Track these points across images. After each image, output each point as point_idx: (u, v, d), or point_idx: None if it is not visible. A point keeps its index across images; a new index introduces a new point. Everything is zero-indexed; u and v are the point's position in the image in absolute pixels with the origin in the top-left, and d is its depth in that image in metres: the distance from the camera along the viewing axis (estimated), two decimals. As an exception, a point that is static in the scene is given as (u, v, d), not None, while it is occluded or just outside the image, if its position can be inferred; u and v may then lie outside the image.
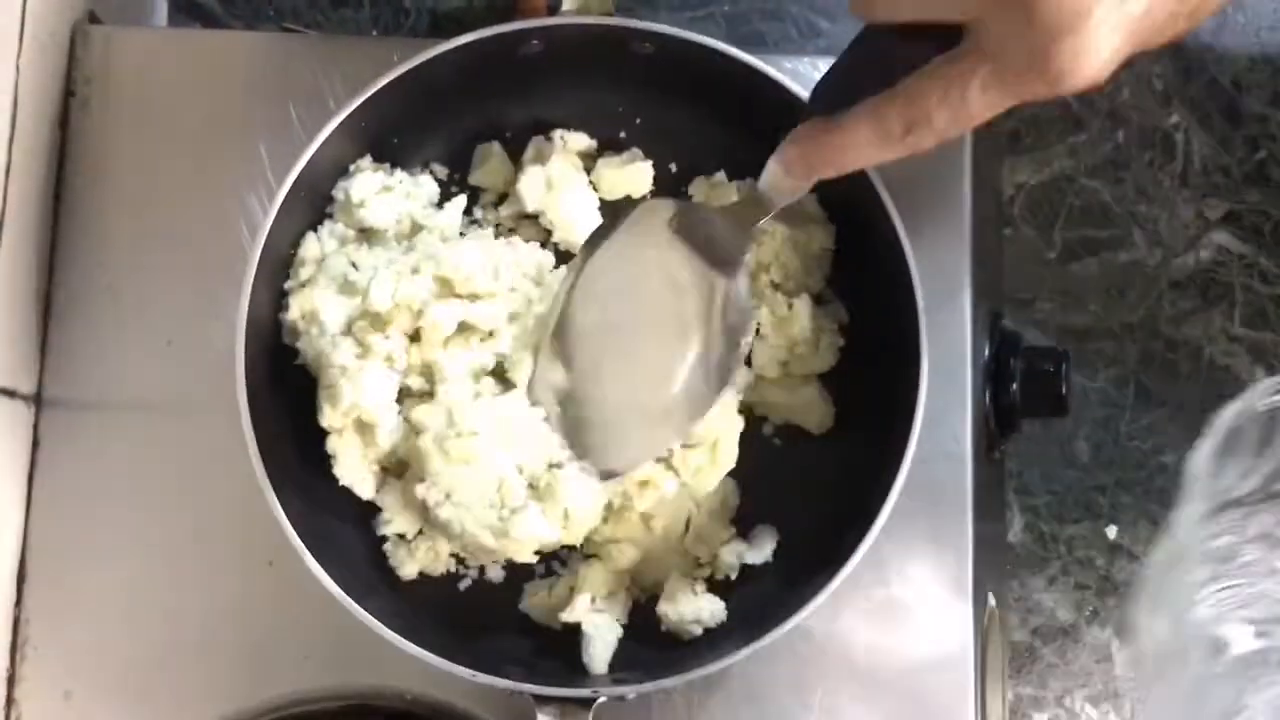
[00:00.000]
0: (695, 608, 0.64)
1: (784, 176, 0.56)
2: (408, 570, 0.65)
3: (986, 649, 0.70)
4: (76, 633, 0.69)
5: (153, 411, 0.70)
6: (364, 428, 0.63)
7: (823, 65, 0.71)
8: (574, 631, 0.64)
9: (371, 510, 0.65)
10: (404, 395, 0.64)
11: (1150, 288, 0.91)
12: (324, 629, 0.67)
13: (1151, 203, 0.92)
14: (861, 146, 0.51)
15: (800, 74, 0.71)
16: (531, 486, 0.61)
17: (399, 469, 0.64)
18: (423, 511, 0.62)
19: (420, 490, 0.61)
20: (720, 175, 0.69)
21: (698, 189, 0.69)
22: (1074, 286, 0.91)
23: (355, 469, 0.63)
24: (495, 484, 0.60)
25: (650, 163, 0.69)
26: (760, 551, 0.66)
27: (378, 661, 0.67)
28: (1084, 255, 0.91)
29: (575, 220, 0.67)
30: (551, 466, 0.61)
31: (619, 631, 0.64)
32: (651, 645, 0.64)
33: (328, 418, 0.62)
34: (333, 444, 0.63)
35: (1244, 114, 0.92)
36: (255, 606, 0.69)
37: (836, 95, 0.53)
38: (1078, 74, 0.44)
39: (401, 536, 0.65)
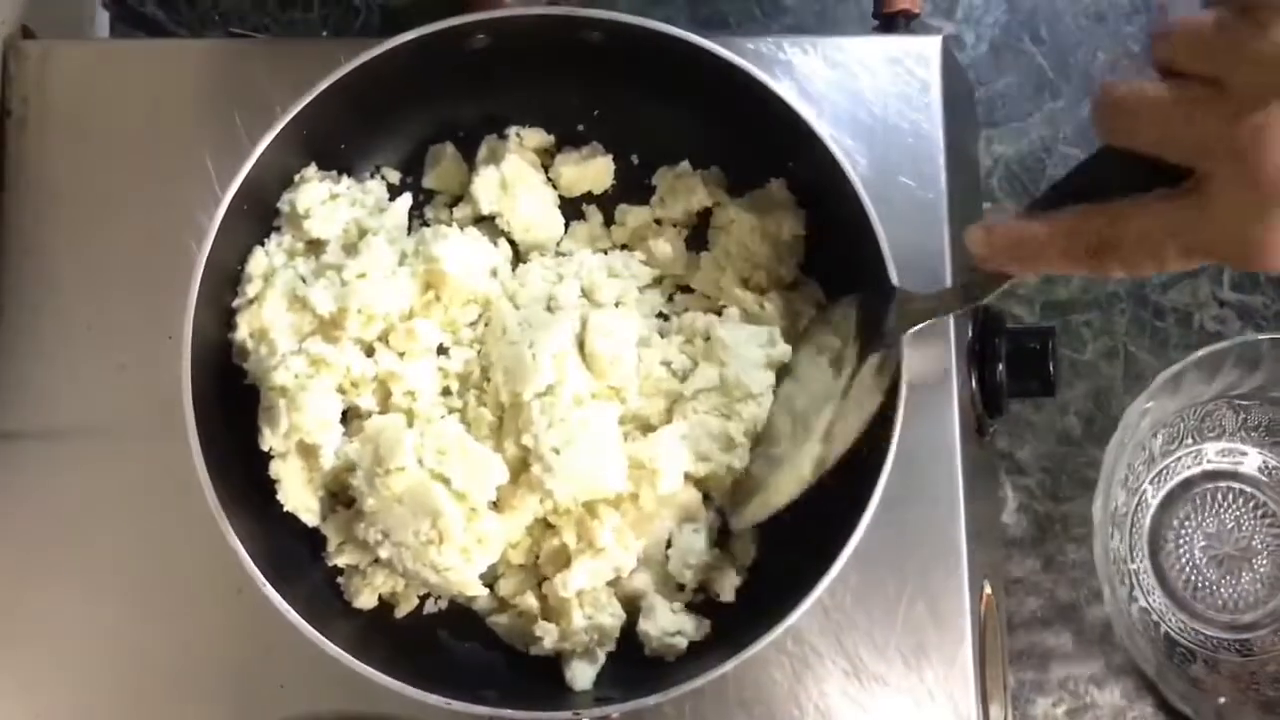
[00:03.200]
0: (678, 623, 0.61)
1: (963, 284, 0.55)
2: (364, 601, 0.63)
3: (985, 636, 0.68)
4: (38, 673, 0.67)
5: (108, 439, 0.68)
6: (307, 451, 0.60)
7: (787, 45, 0.69)
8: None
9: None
10: (352, 416, 0.61)
11: (1136, 255, 0.89)
12: (298, 656, 0.64)
13: (1133, 168, 0.89)
14: (1045, 247, 0.49)
15: (763, 55, 0.69)
16: (474, 511, 0.59)
17: (347, 496, 0.62)
18: (365, 546, 0.60)
19: (359, 530, 0.59)
20: (685, 165, 0.67)
21: (661, 179, 0.66)
22: (1057, 257, 0.89)
23: (299, 494, 0.61)
24: (430, 519, 0.58)
25: (610, 157, 0.66)
26: (742, 557, 0.63)
27: (355, 687, 0.64)
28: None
29: (534, 221, 0.64)
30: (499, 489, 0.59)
31: (602, 659, 0.62)
32: (635, 660, 0.62)
33: (267, 440, 0.60)
34: (275, 468, 0.60)
35: (1224, 72, 0.90)
36: (226, 636, 0.67)
37: (1052, 202, 0.50)
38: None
39: (355, 566, 0.63)
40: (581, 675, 0.61)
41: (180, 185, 0.68)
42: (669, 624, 0.61)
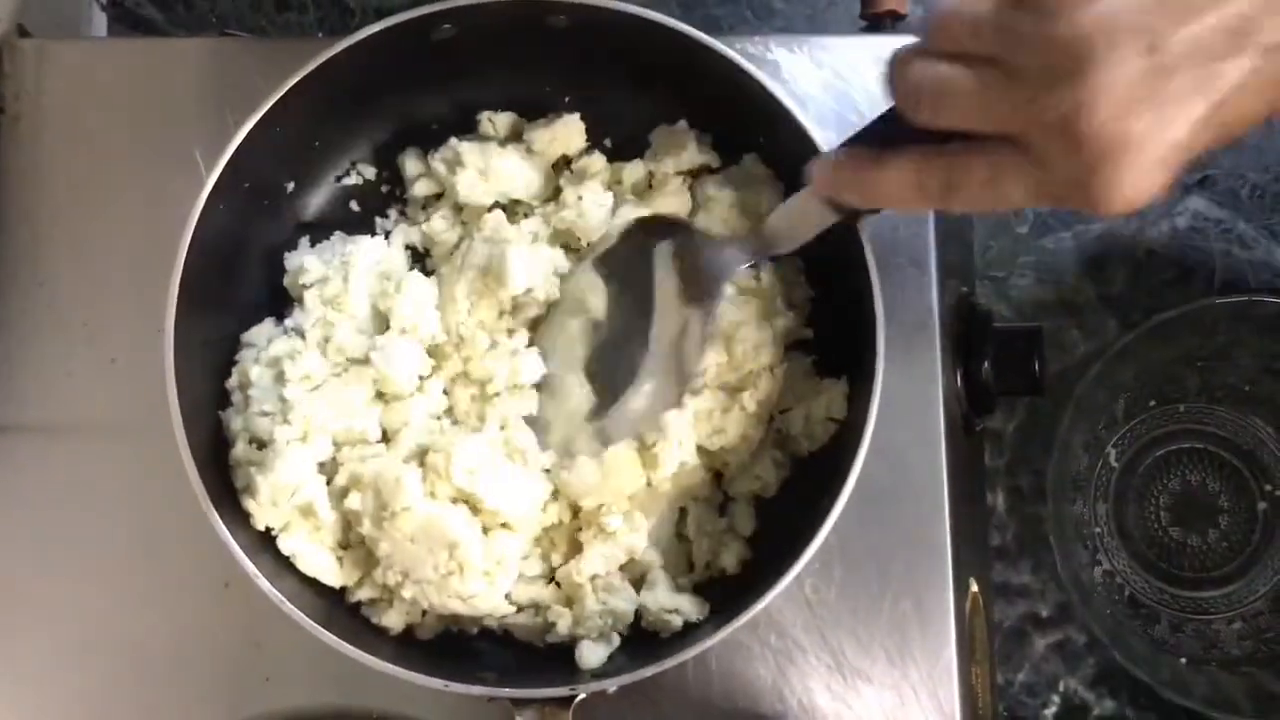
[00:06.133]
0: (676, 602, 0.62)
1: (799, 210, 0.56)
2: (390, 621, 0.62)
3: (971, 635, 0.68)
4: (27, 664, 0.68)
5: (99, 433, 0.69)
6: (306, 512, 0.60)
7: (774, 45, 0.70)
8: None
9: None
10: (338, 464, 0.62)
11: (1127, 258, 0.89)
12: (285, 649, 0.66)
13: (1124, 171, 0.90)
14: (897, 188, 0.51)
15: (751, 54, 0.70)
16: (486, 530, 0.59)
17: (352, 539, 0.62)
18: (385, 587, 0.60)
19: (378, 576, 0.59)
20: (682, 123, 0.66)
21: (657, 135, 0.67)
22: (1049, 260, 0.89)
23: (318, 559, 0.61)
24: (447, 551, 0.58)
25: (578, 115, 0.66)
26: (742, 528, 0.64)
27: (342, 680, 0.66)
28: (1057, 228, 0.89)
29: (517, 184, 0.65)
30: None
31: (617, 641, 0.62)
32: (631, 640, 0.62)
33: (262, 515, 0.59)
34: (285, 544, 0.60)
35: (1214, 75, 0.90)
36: (213, 630, 0.67)
37: (878, 137, 0.51)
38: (1120, 201, 0.44)
39: (375, 599, 0.62)
40: (593, 656, 0.61)
41: (172, 182, 0.69)
42: (668, 601, 0.62)
